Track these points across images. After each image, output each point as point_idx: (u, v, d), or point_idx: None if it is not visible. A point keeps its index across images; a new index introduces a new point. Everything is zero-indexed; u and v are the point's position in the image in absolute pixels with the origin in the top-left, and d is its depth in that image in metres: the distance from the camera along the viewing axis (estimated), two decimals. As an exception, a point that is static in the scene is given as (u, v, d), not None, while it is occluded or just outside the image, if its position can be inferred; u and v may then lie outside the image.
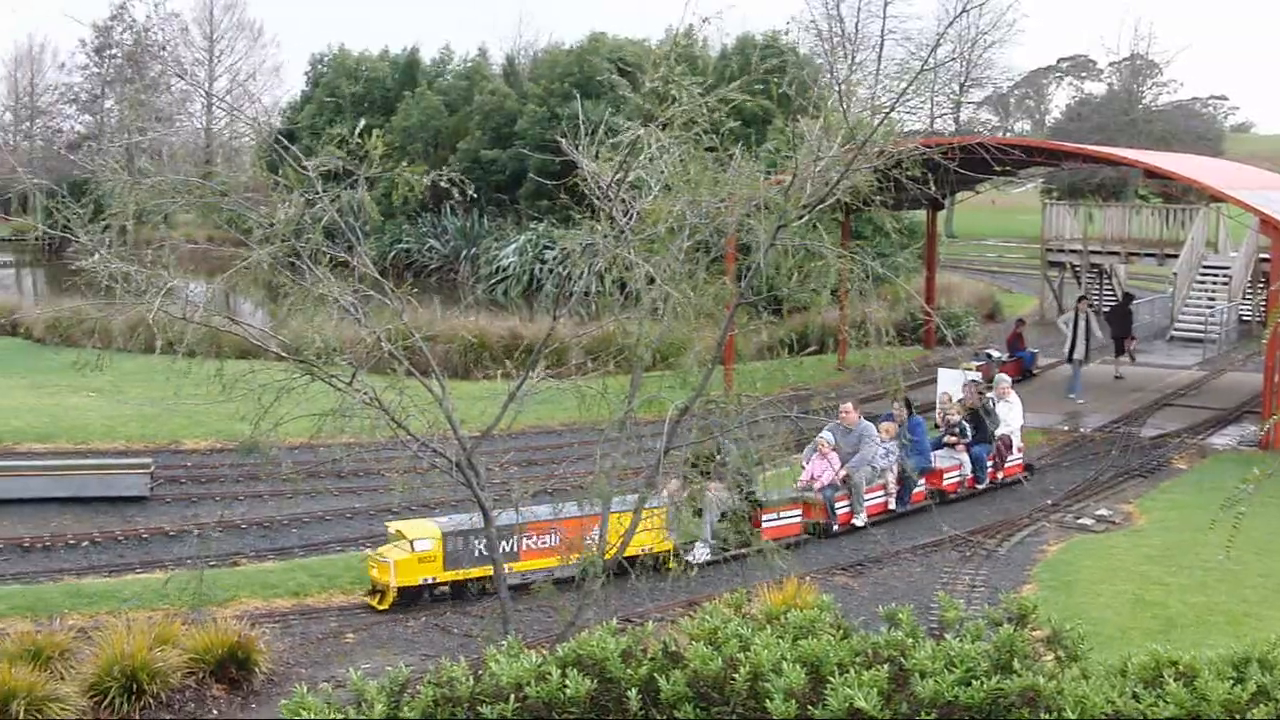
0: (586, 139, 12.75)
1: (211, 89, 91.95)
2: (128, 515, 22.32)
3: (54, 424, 28.99)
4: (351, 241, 12.65)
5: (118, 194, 12.36)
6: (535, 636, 13.69)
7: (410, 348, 12.86)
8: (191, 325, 11.92)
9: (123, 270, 11.98)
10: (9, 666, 12.00)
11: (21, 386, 35.19)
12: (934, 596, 10.49)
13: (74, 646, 13.14)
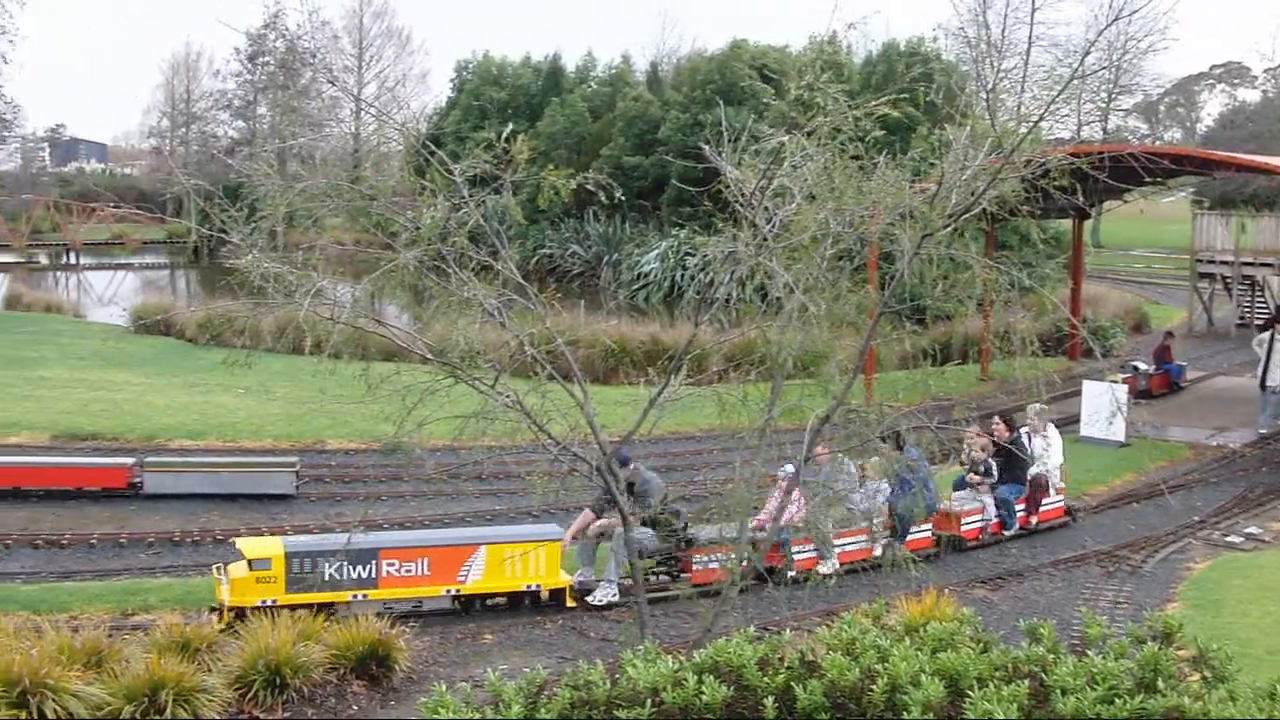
0: (729, 146, 12.71)
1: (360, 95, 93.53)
2: (273, 513, 22.75)
3: (204, 422, 29.65)
4: (496, 246, 12.74)
5: (270, 197, 12.59)
6: (672, 642, 13.67)
7: (552, 352, 12.92)
8: (338, 326, 12.09)
9: (273, 271, 12.20)
10: (158, 657, 12.27)
11: (174, 385, 36.05)
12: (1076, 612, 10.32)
13: (221, 639, 13.40)
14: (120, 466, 23.87)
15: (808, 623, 14.88)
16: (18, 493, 22.78)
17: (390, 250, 12.42)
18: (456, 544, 15.96)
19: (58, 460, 24.61)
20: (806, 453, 13.27)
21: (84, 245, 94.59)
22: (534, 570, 15.90)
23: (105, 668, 12.21)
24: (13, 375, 37.01)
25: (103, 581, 17.92)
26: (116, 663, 12.31)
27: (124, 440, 28.07)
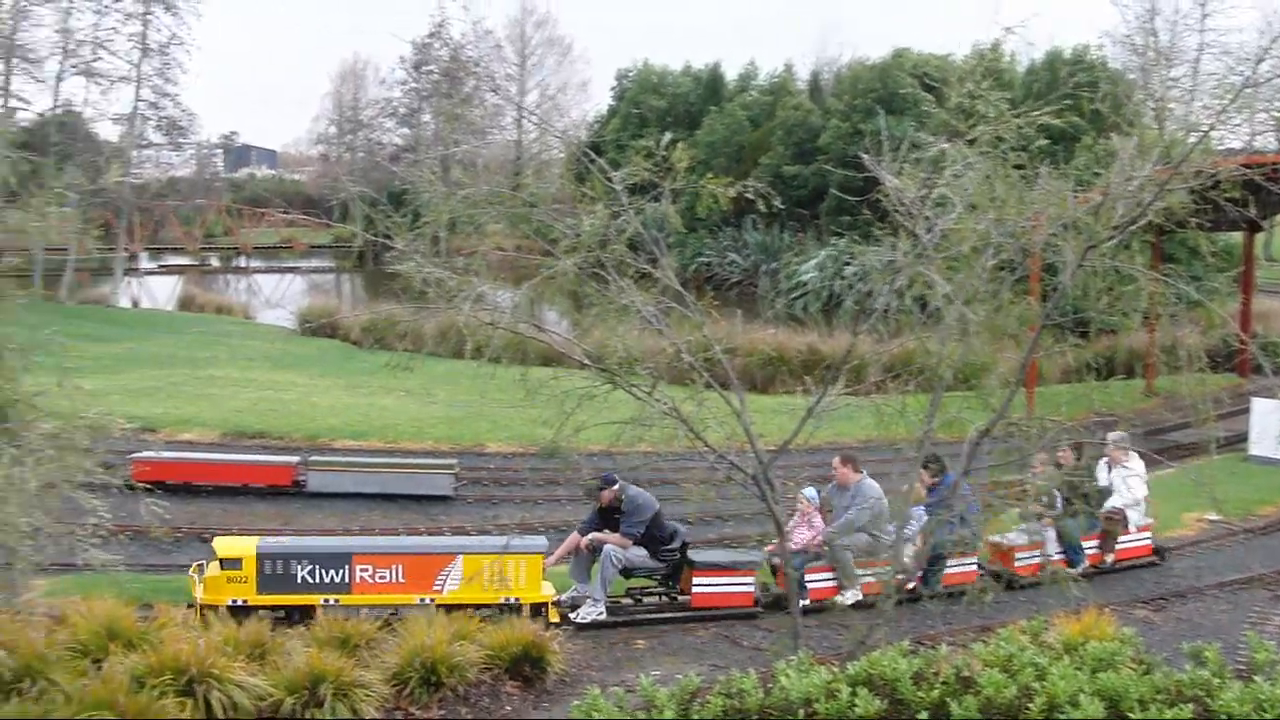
0: (889, 155, 12.62)
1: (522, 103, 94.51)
2: (432, 513, 23.12)
3: (367, 423, 30.23)
4: (654, 253, 12.79)
5: (433, 204, 12.78)
6: (824, 653, 13.61)
7: (710, 360, 12.94)
8: (499, 331, 12.23)
9: (436, 276, 12.39)
10: (319, 651, 12.54)
11: (338, 386, 36.81)
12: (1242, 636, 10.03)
13: (379, 636, 13.63)
14: (285, 465, 24.47)
15: (963, 638, 14.67)
16: (189, 488, 23.45)
17: (550, 257, 12.53)
18: (432, 552, 15.71)
19: (227, 457, 25.30)
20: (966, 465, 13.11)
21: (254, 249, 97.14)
22: (513, 583, 15.56)
23: (268, 660, 12.51)
24: (186, 374, 38.13)
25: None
26: (279, 655, 12.60)
27: (289, 439, 28.77)
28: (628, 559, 16.45)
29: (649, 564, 16.74)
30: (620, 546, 16.39)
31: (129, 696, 11.01)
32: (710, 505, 15.31)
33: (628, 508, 16.54)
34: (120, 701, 10.90)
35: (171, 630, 12.76)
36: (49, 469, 10.78)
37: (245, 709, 11.63)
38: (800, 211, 67.80)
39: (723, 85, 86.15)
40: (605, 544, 16.44)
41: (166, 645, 12.01)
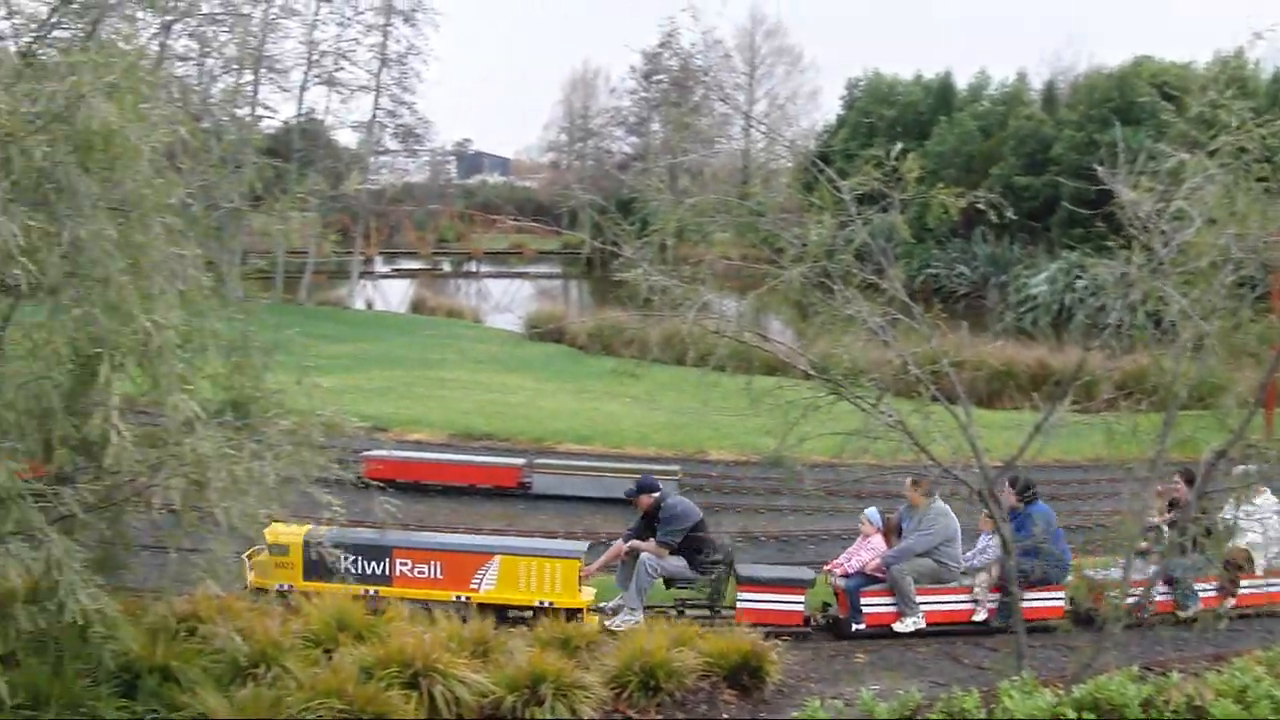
0: (1125, 166, 12.28)
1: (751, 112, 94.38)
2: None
3: (591, 427, 30.57)
4: (882, 264, 12.68)
5: (661, 212, 12.86)
6: (1049, 675, 13.29)
7: (936, 372, 12.76)
8: (724, 339, 12.26)
9: (662, 284, 12.46)
10: (540, 651, 12.73)
11: (565, 391, 37.29)
12: None
13: (599, 639, 13.77)
14: (511, 466, 24.91)
15: (1195, 666, 14.19)
16: (417, 486, 24.02)
17: (776, 266, 12.51)
18: (471, 550, 15.67)
19: (454, 458, 25.84)
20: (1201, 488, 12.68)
21: (484, 254, 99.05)
22: (549, 586, 15.40)
23: (490, 658, 12.73)
24: (418, 376, 39.09)
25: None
26: (501, 654, 12.82)
27: (515, 441, 29.27)
28: (664, 568, 16.13)
29: (688, 574, 16.40)
30: (655, 554, 16.14)
31: (357, 686, 11.33)
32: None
33: (664, 515, 16.27)
34: (349, 691, 11.23)
35: (399, 624, 13.08)
36: (287, 464, 11.15)
37: (467, 704, 11.86)
38: (1031, 223, 66.38)
39: (953, 94, 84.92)
40: (641, 551, 16.21)
41: (394, 639, 12.33)
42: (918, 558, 16.35)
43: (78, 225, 9.66)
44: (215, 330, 11.65)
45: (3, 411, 9.76)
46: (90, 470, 10.71)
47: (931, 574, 16.39)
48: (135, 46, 11.07)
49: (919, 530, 16.44)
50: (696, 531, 16.39)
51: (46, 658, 10.86)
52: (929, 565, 16.40)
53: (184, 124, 10.98)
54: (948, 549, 16.48)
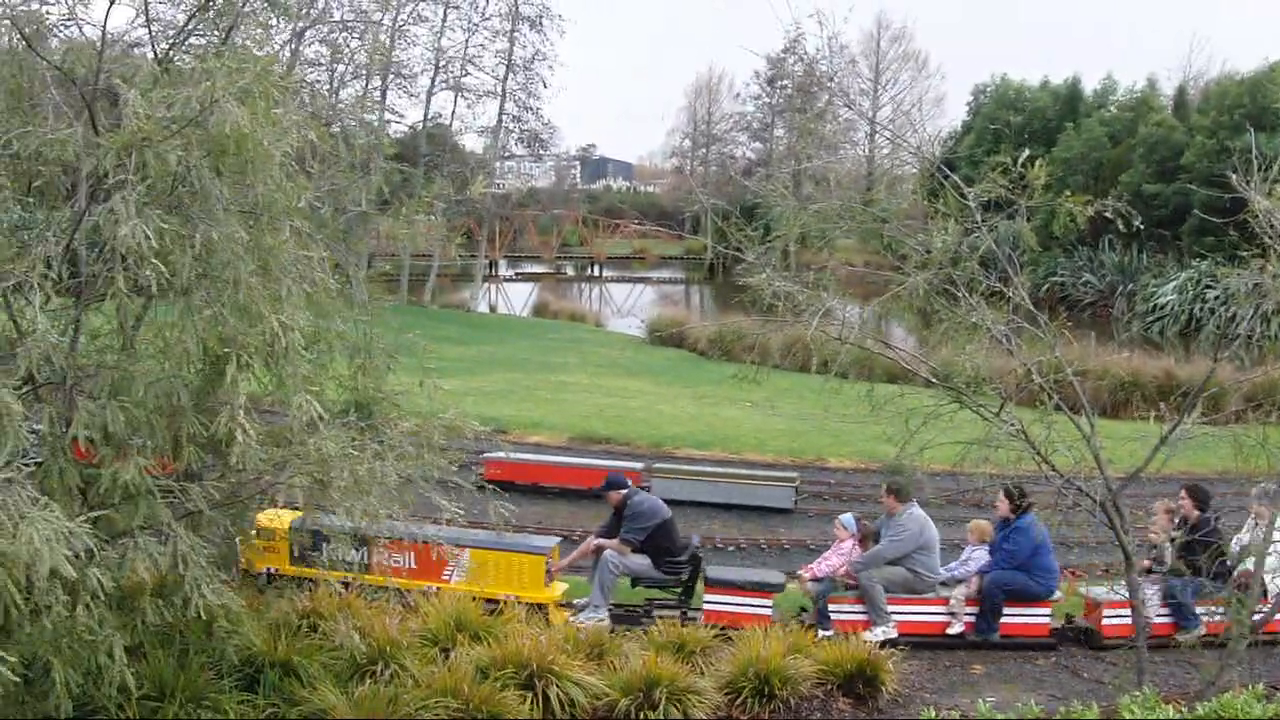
0: (1259, 174, 12.01)
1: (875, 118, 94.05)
2: (771, 525, 23.19)
3: (711, 432, 30.56)
4: (1007, 271, 12.53)
5: (784, 217, 12.84)
6: (1170, 691, 13.04)
7: (1060, 382, 12.58)
8: (845, 346, 12.19)
9: (785, 290, 12.43)
10: (655, 655, 12.75)
11: (684, 395, 37.33)
12: None
13: (714, 645, 13.76)
14: (630, 470, 24.97)
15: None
16: (536, 489, 24.20)
17: (899, 272, 12.43)
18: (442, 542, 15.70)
19: (573, 460, 25.97)
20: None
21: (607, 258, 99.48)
22: (516, 580, 15.38)
23: (605, 660, 12.78)
24: (539, 379, 39.37)
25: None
26: (616, 657, 12.87)
27: (634, 445, 29.35)
28: (626, 566, 16.05)
29: (651, 574, 16.32)
30: (618, 552, 16.09)
31: (473, 686, 11.44)
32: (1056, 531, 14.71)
33: (629, 513, 16.22)
34: (465, 690, 11.34)
35: (515, 625, 13.19)
36: (408, 465, 11.28)
37: (582, 706, 11.91)
38: (1160, 232, 65.23)
39: (1081, 100, 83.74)
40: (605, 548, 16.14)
41: (510, 640, 12.43)
42: (889, 565, 16.01)
43: (209, 228, 9.85)
44: (341, 332, 11.83)
45: (134, 409, 9.98)
46: (216, 468, 10.92)
47: (904, 583, 16.00)
48: (268, 53, 11.29)
49: (890, 537, 16.14)
50: (662, 531, 16.32)
51: (172, 650, 11.09)
52: (901, 574, 15.99)
53: (314, 129, 11.15)
54: (921, 557, 16.08)
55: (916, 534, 15.98)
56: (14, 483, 8.59)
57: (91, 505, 10.01)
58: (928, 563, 16.08)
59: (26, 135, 10.14)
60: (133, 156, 9.61)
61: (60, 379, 10.10)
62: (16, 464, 8.87)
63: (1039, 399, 12.42)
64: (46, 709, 9.70)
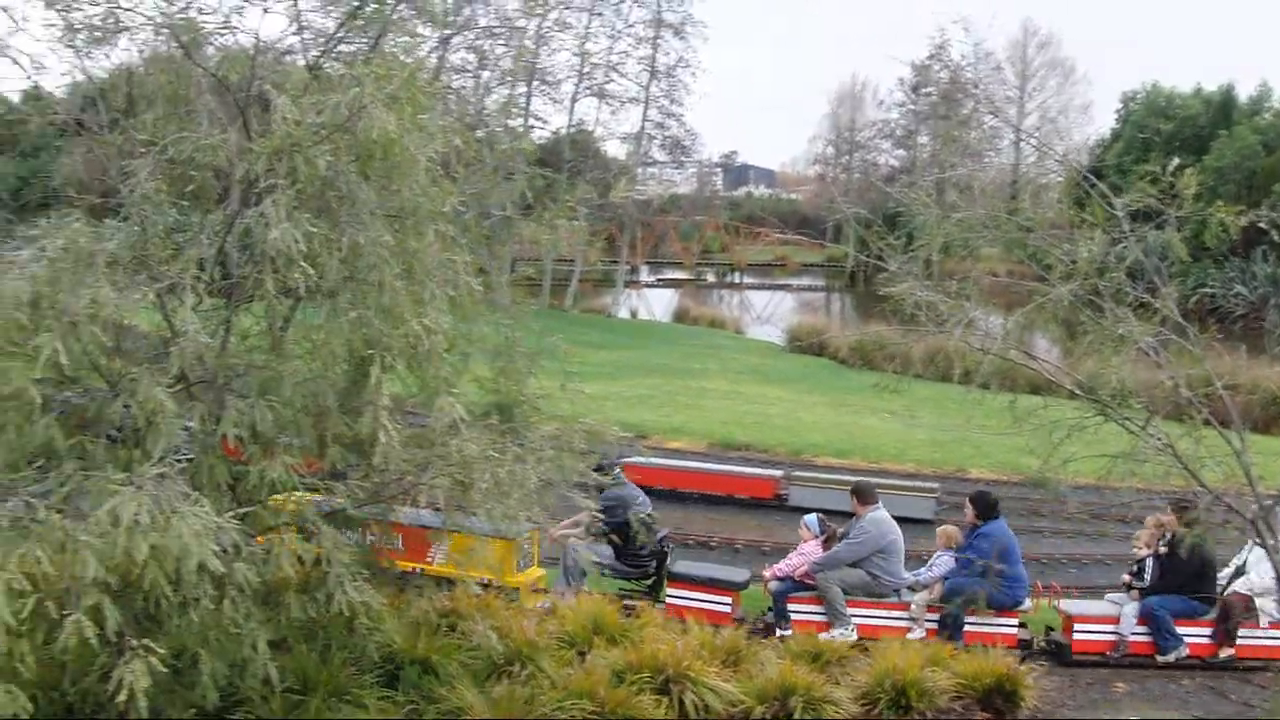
0: None
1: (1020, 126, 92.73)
2: (911, 536, 22.94)
3: (850, 441, 30.41)
4: (1155, 283, 12.29)
5: (927, 226, 12.73)
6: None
7: (1209, 396, 12.31)
8: (988, 357, 12.06)
9: (927, 299, 12.33)
10: (791, 663, 12.72)
11: (823, 404, 37.20)
12: None
13: (850, 655, 13.68)
14: (768, 478, 24.95)
15: None
16: (675, 494, 24.26)
17: (1044, 283, 12.26)
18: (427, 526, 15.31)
19: (712, 467, 26.01)
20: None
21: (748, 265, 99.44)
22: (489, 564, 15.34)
23: (741, 668, 12.77)
24: (679, 384, 39.47)
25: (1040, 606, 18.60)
26: (752, 664, 12.85)
27: (773, 453, 29.31)
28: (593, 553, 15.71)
29: (618, 566, 16.40)
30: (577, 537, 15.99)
31: (609, 689, 11.50)
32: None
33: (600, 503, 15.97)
34: (600, 693, 11.40)
35: (651, 630, 13.23)
36: (548, 468, 11.38)
37: (716, 712, 11.92)
38: (1317, 243, 63.54)
39: (1234, 108, 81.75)
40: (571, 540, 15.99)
41: (646, 644, 12.47)
42: (850, 567, 15.73)
43: (356, 232, 10.04)
44: (483, 335, 11.98)
45: (281, 408, 10.21)
46: (360, 468, 11.12)
47: (863, 585, 15.72)
48: (415, 59, 11.47)
49: (849, 539, 15.94)
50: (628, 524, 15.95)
51: (315, 645, 11.31)
52: (860, 576, 15.69)
53: (459, 134, 11.32)
54: (881, 561, 15.76)
55: (876, 537, 15.78)
56: (166, 478, 8.84)
57: (240, 501, 10.25)
58: (888, 567, 15.83)
59: (182, 140, 10.42)
60: (283, 161, 9.83)
61: (211, 378, 10.37)
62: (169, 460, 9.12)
63: (1187, 413, 12.16)
64: (194, 699, 9.96)
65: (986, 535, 15.63)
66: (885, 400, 25.51)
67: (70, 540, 8.73)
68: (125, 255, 10.32)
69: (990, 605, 15.48)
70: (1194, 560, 15.01)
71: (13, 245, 10.42)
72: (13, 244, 10.48)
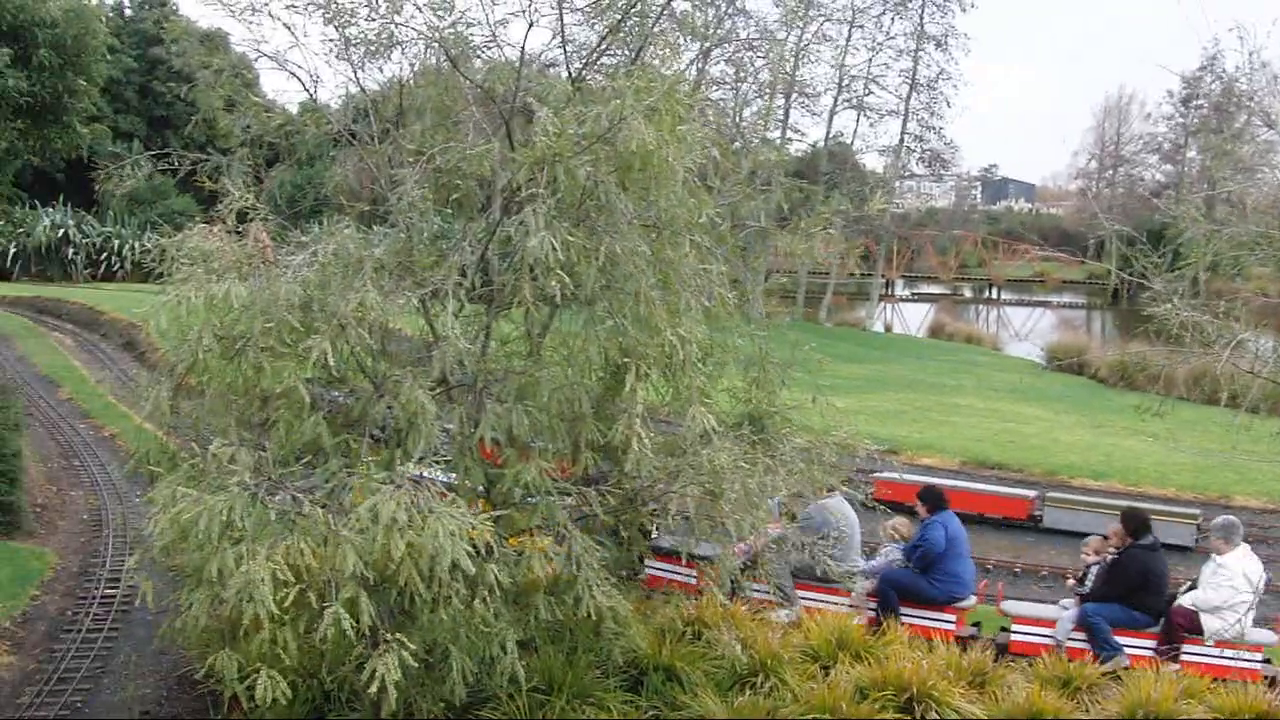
0: None
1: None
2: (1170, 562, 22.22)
3: (1108, 463, 29.53)
4: None
5: (1195, 243, 12.33)
6: None
7: None
8: (1258, 380, 11.62)
9: (1193, 319, 11.95)
10: (1039, 688, 12.43)
11: (1081, 424, 36.23)
12: None
13: (1101, 683, 13.30)
14: (1022, 498, 24.38)
15: None
16: (925, 511, 23.97)
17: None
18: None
19: (964, 485, 25.54)
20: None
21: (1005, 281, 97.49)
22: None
23: (987, 690, 12.53)
24: (932, 400, 38.95)
25: (992, 606, 18.38)
26: (998, 687, 12.59)
27: (1027, 473, 28.63)
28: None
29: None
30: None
31: (851, 705, 11.42)
32: None
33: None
34: (843, 709, 11.33)
35: (896, 648, 13.08)
36: (797, 480, 11.37)
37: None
38: None
39: None
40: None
41: (890, 661, 12.34)
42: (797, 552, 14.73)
43: (614, 241, 10.19)
44: (736, 345, 12.03)
45: (537, 413, 10.43)
46: (612, 474, 11.27)
47: (806, 569, 15.06)
48: (674, 71, 11.59)
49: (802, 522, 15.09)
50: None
51: (561, 647, 11.51)
52: (804, 560, 14.80)
53: (717, 145, 11.40)
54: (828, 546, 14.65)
55: (820, 522, 15.04)
56: (424, 478, 9.12)
57: (494, 503, 10.51)
58: (837, 552, 14.93)
59: (449, 150, 10.75)
60: (544, 171, 10.05)
61: (471, 382, 10.65)
62: (428, 460, 9.41)
63: None
64: (443, 693, 10.24)
65: (927, 525, 15.30)
66: (1146, 422, 24.75)
67: (332, 535, 9.09)
68: (391, 261, 10.70)
69: (923, 599, 15.14)
70: (1135, 570, 14.59)
71: (287, 250, 10.90)
72: (287, 249, 10.96)
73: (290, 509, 9.52)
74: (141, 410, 11.72)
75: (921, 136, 75.62)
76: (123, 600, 17.23)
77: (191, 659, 13.18)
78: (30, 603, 17.29)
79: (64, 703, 13.96)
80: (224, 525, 9.09)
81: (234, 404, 11.32)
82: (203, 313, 10.29)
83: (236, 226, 11.34)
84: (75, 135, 23.34)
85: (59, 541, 20.43)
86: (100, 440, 28.15)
